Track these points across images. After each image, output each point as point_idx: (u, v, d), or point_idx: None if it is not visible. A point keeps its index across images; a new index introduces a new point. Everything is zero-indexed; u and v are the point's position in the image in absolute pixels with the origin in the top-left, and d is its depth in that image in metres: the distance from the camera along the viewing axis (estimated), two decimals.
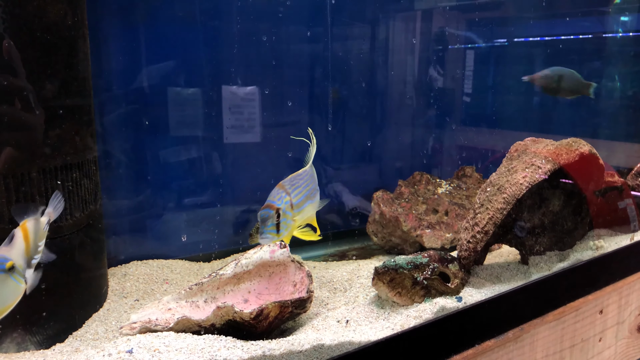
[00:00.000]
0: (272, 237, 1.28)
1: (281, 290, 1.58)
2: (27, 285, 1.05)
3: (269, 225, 1.26)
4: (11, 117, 1.34)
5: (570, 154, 1.69)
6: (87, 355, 1.20)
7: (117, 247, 2.05)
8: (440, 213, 2.25)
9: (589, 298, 1.70)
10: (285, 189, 1.34)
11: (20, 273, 1.03)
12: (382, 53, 2.68)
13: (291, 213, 1.33)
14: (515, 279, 1.67)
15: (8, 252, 1.03)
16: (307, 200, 1.41)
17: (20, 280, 1.02)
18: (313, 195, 1.46)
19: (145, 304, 1.64)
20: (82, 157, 1.54)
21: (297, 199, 1.36)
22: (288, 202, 1.32)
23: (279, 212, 1.28)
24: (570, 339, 1.64)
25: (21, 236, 1.07)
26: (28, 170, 1.37)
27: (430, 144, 2.95)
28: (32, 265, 1.09)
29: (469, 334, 1.40)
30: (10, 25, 1.30)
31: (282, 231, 1.29)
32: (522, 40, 3.09)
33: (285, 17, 2.28)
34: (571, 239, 1.86)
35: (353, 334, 1.32)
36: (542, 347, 1.55)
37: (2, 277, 0.99)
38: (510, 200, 1.59)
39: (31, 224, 1.10)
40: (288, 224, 1.31)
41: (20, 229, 1.08)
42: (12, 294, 1.01)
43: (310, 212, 1.46)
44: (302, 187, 1.39)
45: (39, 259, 1.12)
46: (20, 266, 1.03)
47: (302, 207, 1.38)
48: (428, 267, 1.49)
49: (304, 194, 1.39)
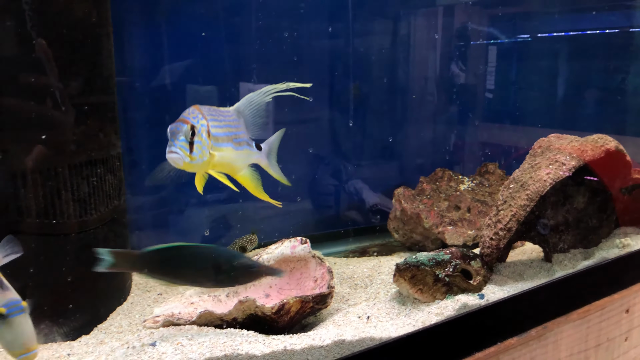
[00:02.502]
0: (182, 155, 1.16)
1: (302, 285, 1.58)
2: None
3: (181, 140, 1.16)
4: (43, 115, 1.37)
5: (595, 151, 1.66)
6: (112, 348, 1.22)
7: (141, 242, 2.08)
8: (463, 210, 2.24)
9: (614, 297, 1.67)
10: (202, 112, 1.23)
11: None
12: (404, 49, 2.66)
13: (208, 141, 1.21)
14: (538, 276, 1.65)
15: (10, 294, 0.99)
16: (229, 142, 1.29)
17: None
18: (240, 143, 1.34)
19: (168, 298, 1.67)
20: (106, 153, 1.57)
21: (215, 130, 1.24)
22: (204, 126, 1.21)
23: (194, 129, 1.17)
24: (595, 338, 1.62)
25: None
26: (55, 166, 1.40)
27: (452, 140, 2.93)
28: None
29: (491, 331, 1.39)
30: (37, 23, 1.32)
31: (196, 155, 1.18)
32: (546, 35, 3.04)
33: (306, 14, 2.28)
34: (596, 237, 1.83)
35: (374, 330, 1.32)
36: (566, 346, 1.53)
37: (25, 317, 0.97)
38: (534, 197, 1.57)
39: None
40: (204, 151, 1.20)
41: None
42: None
43: (235, 159, 1.33)
44: (222, 123, 1.28)
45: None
46: None
47: (220, 145, 1.26)
48: (450, 264, 1.48)
49: (224, 131, 1.28)
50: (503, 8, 2.98)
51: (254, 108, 1.39)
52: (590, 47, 3.01)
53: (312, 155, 2.45)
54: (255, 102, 1.38)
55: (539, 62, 3.08)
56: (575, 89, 3.05)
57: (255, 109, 1.39)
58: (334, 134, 2.52)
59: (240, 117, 1.36)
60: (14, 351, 0.96)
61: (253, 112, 1.39)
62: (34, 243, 1.41)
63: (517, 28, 2.98)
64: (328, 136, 2.51)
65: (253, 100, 1.38)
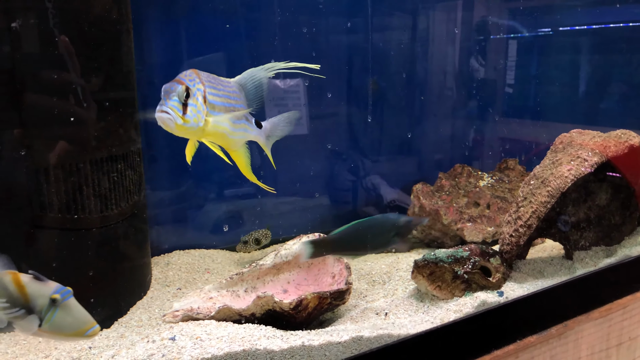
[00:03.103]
0: (174, 115, 1.10)
1: (320, 281, 1.58)
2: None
3: (174, 100, 1.10)
4: (65, 111, 1.38)
5: (619, 146, 1.64)
6: (132, 341, 1.23)
7: (160, 237, 2.10)
8: (482, 206, 2.22)
9: (637, 295, 1.64)
10: (200, 77, 1.17)
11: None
12: (422, 43, 2.64)
13: (204, 106, 1.15)
14: (559, 274, 1.63)
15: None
16: (227, 115, 1.24)
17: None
18: (238, 117, 1.28)
19: (187, 293, 1.68)
20: (126, 149, 1.58)
21: (212, 98, 1.18)
22: (201, 91, 1.15)
23: (189, 90, 1.12)
24: (617, 337, 1.60)
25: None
26: (77, 162, 1.42)
27: (471, 135, 2.90)
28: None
29: (511, 329, 1.38)
30: (60, 20, 1.34)
31: (190, 118, 1.12)
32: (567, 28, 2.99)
33: (325, 9, 2.27)
34: (619, 234, 1.80)
35: (392, 327, 1.32)
36: (587, 345, 1.51)
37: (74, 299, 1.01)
38: (555, 193, 1.55)
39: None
40: (198, 115, 1.14)
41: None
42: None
43: (230, 132, 1.26)
44: (221, 92, 1.22)
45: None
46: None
47: (217, 114, 1.20)
48: (469, 260, 1.47)
49: (222, 101, 1.22)
50: (524, 1, 2.93)
51: (256, 83, 1.33)
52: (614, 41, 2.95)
53: (330, 151, 2.45)
54: (257, 77, 1.33)
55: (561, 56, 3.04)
56: (597, 84, 3.00)
57: (258, 84, 1.34)
58: (352, 130, 2.51)
59: (241, 91, 1.31)
60: (79, 330, 0.99)
61: (255, 86, 1.34)
62: (57, 238, 1.43)
63: (538, 21, 2.93)
64: (346, 132, 2.50)
65: (255, 75, 1.33)
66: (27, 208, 1.39)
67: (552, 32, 2.98)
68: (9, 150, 1.35)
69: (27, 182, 1.38)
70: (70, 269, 1.46)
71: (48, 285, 1.00)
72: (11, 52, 1.30)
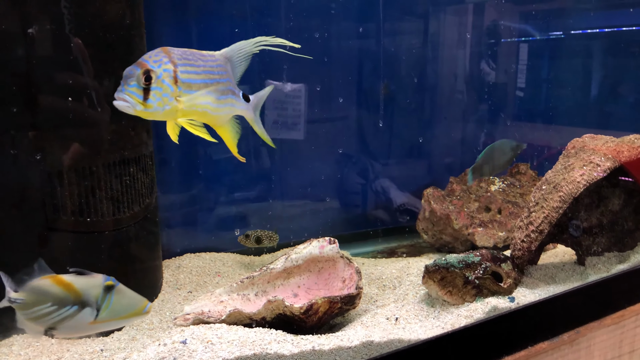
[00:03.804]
0: (133, 102, 1.04)
1: (330, 285, 1.58)
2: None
3: (132, 85, 1.04)
4: (79, 114, 1.40)
5: (632, 151, 1.62)
6: (144, 344, 1.24)
7: (171, 240, 2.11)
8: (493, 211, 2.21)
9: None
10: (170, 56, 1.08)
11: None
12: (434, 47, 2.64)
13: (172, 88, 1.08)
14: (570, 280, 1.62)
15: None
16: (207, 90, 1.17)
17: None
18: (223, 92, 1.20)
19: (198, 296, 1.69)
20: (138, 152, 1.59)
21: (188, 76, 1.10)
22: (169, 71, 1.07)
23: (150, 74, 1.04)
24: (630, 344, 1.58)
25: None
26: (90, 165, 1.43)
27: (482, 139, 2.89)
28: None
29: (522, 335, 1.37)
30: (75, 25, 1.35)
31: (152, 102, 1.05)
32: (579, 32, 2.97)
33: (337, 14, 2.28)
34: (632, 240, 1.79)
35: (402, 332, 1.31)
36: (599, 352, 1.49)
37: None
38: (567, 199, 1.54)
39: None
40: (164, 99, 1.07)
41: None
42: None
43: (214, 108, 1.20)
44: (200, 69, 1.14)
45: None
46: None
47: (195, 92, 1.13)
48: (480, 266, 1.47)
49: (202, 78, 1.14)
50: (535, 5, 2.92)
51: (244, 57, 1.26)
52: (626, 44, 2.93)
53: (341, 155, 2.45)
54: (245, 51, 1.26)
55: (573, 60, 3.02)
56: (610, 87, 2.98)
57: (245, 58, 1.27)
58: (363, 133, 2.52)
59: (227, 64, 1.23)
60: (137, 309, 1.05)
61: (241, 60, 1.27)
62: (70, 240, 1.44)
63: (549, 25, 2.92)
64: (357, 135, 2.51)
65: (243, 48, 1.25)
66: (40, 211, 1.40)
67: (564, 35, 2.97)
68: (23, 153, 1.36)
69: (41, 184, 1.39)
70: None
71: (95, 276, 1.04)
72: (27, 56, 1.32)
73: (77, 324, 1.01)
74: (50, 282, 1.02)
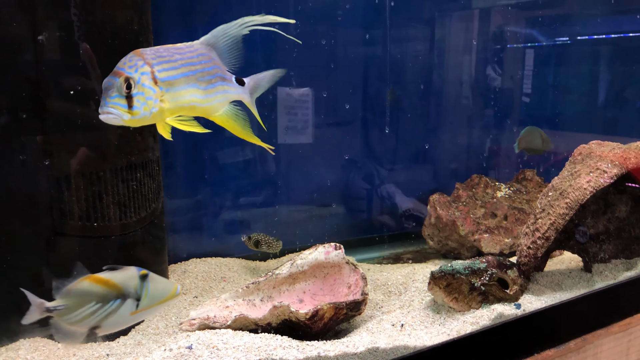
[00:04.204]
0: (119, 113, 1.02)
1: (336, 291, 1.58)
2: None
3: (114, 97, 1.01)
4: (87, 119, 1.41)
5: (639, 158, 1.62)
6: (149, 349, 1.24)
7: (177, 245, 2.12)
8: (499, 217, 2.20)
9: None
10: (144, 57, 1.05)
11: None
12: (440, 53, 2.64)
13: (154, 89, 1.05)
14: (577, 287, 1.61)
15: None
16: (191, 83, 1.12)
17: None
18: (210, 80, 1.16)
19: (204, 301, 1.69)
20: (145, 157, 1.60)
21: (167, 74, 1.07)
22: (147, 74, 1.04)
23: (130, 81, 1.02)
24: (637, 352, 1.57)
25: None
26: (97, 170, 1.44)
27: (488, 145, 2.89)
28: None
29: (528, 342, 1.37)
30: (84, 32, 1.36)
31: (139, 109, 1.03)
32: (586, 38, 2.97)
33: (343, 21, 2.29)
34: (639, 247, 1.78)
35: (408, 338, 1.31)
36: (606, 359, 1.49)
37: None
38: (573, 205, 1.53)
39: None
40: (149, 102, 1.05)
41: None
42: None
43: (203, 100, 1.15)
44: (179, 63, 1.10)
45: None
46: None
47: (177, 88, 1.09)
48: (486, 272, 1.46)
49: (182, 72, 1.10)
50: (541, 10, 2.92)
51: (230, 41, 1.20)
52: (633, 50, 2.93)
53: (347, 160, 2.45)
54: (230, 34, 1.19)
55: (579, 66, 3.02)
56: (617, 94, 2.97)
57: (231, 42, 1.20)
58: (369, 139, 2.52)
59: (211, 51, 1.17)
60: (171, 292, 1.12)
61: (229, 45, 1.20)
62: (77, 245, 1.45)
63: (556, 31, 2.92)
64: (363, 141, 2.51)
65: (228, 32, 1.18)
66: (48, 215, 1.41)
67: (570, 41, 2.96)
68: (32, 159, 1.37)
69: (48, 189, 1.40)
70: None
71: (129, 269, 1.10)
72: (36, 62, 1.33)
73: (120, 317, 1.06)
74: (90, 282, 1.06)
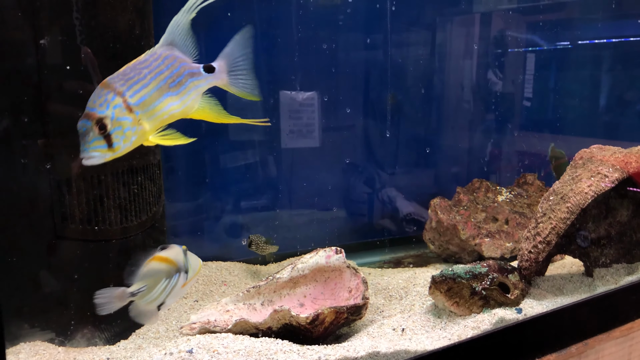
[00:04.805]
0: (101, 155, 0.99)
1: (336, 295, 1.58)
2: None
3: (91, 141, 0.98)
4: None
5: None
6: (150, 353, 1.24)
7: None
8: (500, 221, 2.20)
9: None
10: (113, 88, 1.00)
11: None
12: (441, 58, 2.64)
13: (130, 118, 1.00)
14: (578, 291, 1.61)
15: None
16: (165, 93, 1.06)
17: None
18: (181, 82, 1.10)
19: (205, 305, 1.69)
20: (146, 161, 1.60)
21: (139, 96, 1.02)
22: (119, 105, 0.99)
23: (103, 121, 0.97)
24: (638, 356, 1.57)
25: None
26: (98, 174, 1.44)
27: (489, 149, 2.89)
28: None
29: (529, 346, 1.36)
30: (86, 36, 1.37)
31: (120, 144, 1.00)
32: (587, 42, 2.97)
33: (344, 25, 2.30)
34: None
35: (409, 343, 1.31)
36: None
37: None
38: (575, 209, 1.53)
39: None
40: (127, 133, 1.00)
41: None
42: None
43: (179, 104, 1.10)
44: (149, 77, 1.04)
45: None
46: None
47: (153, 105, 1.04)
48: (487, 277, 1.46)
49: (154, 86, 1.04)
50: (542, 15, 2.93)
51: (185, 30, 1.13)
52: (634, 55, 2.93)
53: (348, 164, 2.45)
54: (181, 25, 1.13)
55: (580, 70, 3.02)
56: (618, 98, 2.97)
57: (185, 32, 1.14)
58: (370, 143, 2.52)
59: (173, 49, 1.11)
60: (199, 265, 1.22)
61: (184, 35, 1.13)
62: (78, 249, 1.45)
63: (557, 35, 2.92)
64: (364, 145, 2.51)
65: (178, 24, 1.12)
66: (49, 219, 1.41)
67: (571, 45, 2.97)
68: (33, 162, 1.38)
69: (49, 193, 1.40)
70: (91, 280, 1.48)
71: (173, 246, 1.20)
72: (38, 66, 1.33)
73: (178, 290, 1.17)
74: (157, 262, 1.16)
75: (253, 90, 1.24)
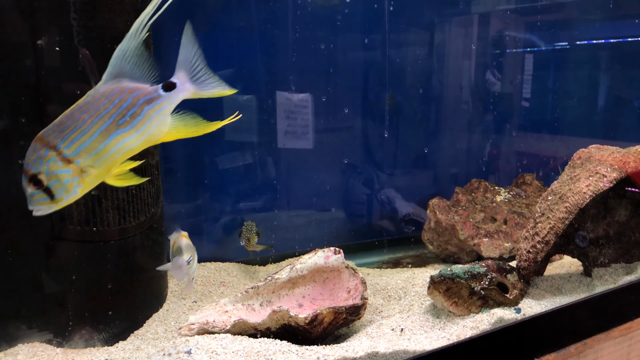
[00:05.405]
0: (44, 207, 0.97)
1: (335, 296, 1.58)
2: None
3: (32, 195, 0.96)
4: None
5: (638, 162, 1.62)
6: (148, 354, 1.24)
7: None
8: (499, 222, 2.20)
9: None
10: (46, 142, 0.96)
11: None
12: (439, 58, 2.65)
13: (69, 169, 0.96)
14: (577, 291, 1.61)
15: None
16: (112, 133, 0.99)
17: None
18: (135, 113, 1.02)
19: (203, 306, 1.69)
20: (145, 162, 1.60)
21: (77, 145, 0.96)
22: (53, 160, 0.95)
23: (38, 177, 0.95)
24: (637, 356, 1.57)
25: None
26: None
27: (488, 150, 2.89)
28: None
29: (528, 346, 1.36)
30: (84, 37, 1.37)
31: (61, 195, 0.97)
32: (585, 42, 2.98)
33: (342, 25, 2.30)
34: (639, 251, 1.78)
35: (408, 343, 1.31)
36: None
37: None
38: (573, 209, 1.53)
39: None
40: (69, 185, 0.97)
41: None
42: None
43: (138, 136, 1.03)
44: (90, 121, 0.97)
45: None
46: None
47: (99, 148, 0.98)
48: (486, 277, 1.46)
49: (97, 128, 0.98)
50: (540, 15, 2.93)
51: (134, 57, 1.04)
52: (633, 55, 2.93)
53: (346, 165, 2.45)
54: (131, 50, 1.03)
55: (579, 70, 3.02)
56: (616, 98, 2.97)
57: (137, 57, 1.04)
58: (369, 143, 2.52)
59: (120, 81, 1.02)
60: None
61: (135, 61, 1.05)
62: (76, 250, 1.45)
63: (555, 35, 2.93)
64: (363, 145, 2.51)
65: (126, 50, 1.03)
66: (47, 220, 1.41)
67: (569, 46, 2.97)
68: None
69: None
70: (89, 281, 1.48)
71: (178, 232, 1.42)
72: (36, 67, 1.33)
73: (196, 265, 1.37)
74: (187, 240, 1.35)
75: (221, 85, 1.18)
